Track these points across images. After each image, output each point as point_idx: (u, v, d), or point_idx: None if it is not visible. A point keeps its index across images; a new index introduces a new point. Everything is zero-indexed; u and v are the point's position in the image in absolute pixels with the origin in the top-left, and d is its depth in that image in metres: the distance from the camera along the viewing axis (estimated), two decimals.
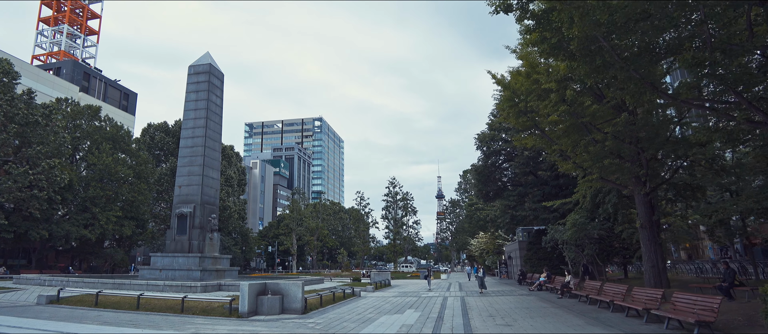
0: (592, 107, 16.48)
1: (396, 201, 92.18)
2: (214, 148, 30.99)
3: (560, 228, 26.30)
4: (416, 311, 17.49)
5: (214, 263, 28.66)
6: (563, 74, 14.60)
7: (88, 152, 48.42)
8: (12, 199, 36.17)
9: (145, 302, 16.33)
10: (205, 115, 30.12)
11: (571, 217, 23.85)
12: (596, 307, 17.96)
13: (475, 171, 37.15)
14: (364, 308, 18.64)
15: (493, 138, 36.04)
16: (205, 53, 31.88)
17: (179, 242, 28.12)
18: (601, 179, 18.99)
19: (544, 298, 22.80)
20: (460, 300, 21.34)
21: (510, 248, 47.07)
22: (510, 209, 34.24)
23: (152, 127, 66.99)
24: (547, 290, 27.59)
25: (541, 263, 35.72)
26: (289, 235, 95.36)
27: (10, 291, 20.73)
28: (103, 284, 22.47)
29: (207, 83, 30.66)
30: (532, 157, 31.90)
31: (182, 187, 29.38)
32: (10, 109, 36.38)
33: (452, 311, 17.41)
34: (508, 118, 20.96)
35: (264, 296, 15.81)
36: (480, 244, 69.16)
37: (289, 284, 16.45)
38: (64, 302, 17.18)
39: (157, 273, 27.05)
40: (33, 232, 38.66)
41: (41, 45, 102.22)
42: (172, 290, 20.86)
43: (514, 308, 18.08)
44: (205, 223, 29.03)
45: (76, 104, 51.88)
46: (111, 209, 46.23)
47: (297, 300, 16.22)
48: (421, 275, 52.58)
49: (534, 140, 20.76)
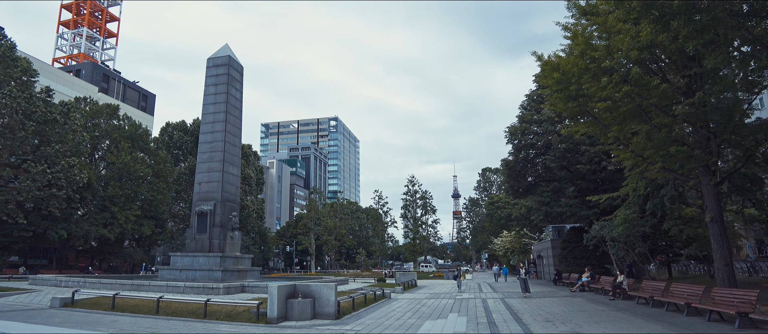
0: (661, 87, 14.54)
1: (415, 199, 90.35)
2: (234, 144, 29.72)
3: (607, 224, 24.30)
4: (460, 315, 15.80)
5: (235, 262, 27.37)
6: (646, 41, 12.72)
7: (107, 151, 47.83)
8: (31, 198, 35.49)
9: (165, 306, 14.97)
10: (225, 109, 28.85)
11: (621, 212, 21.86)
12: (663, 310, 16.07)
13: (506, 166, 35.20)
14: (400, 311, 17.03)
15: (525, 131, 34.09)
16: (223, 45, 30.66)
17: (199, 241, 26.89)
18: (664, 169, 17.02)
19: (594, 299, 20.90)
20: (502, 303, 19.57)
21: (539, 247, 44.97)
22: (544, 205, 32.22)
23: (170, 126, 66.44)
24: (591, 291, 25.62)
25: (577, 262, 33.65)
26: (308, 234, 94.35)
27: (24, 293, 19.65)
28: (121, 286, 21.29)
29: (226, 76, 29.40)
30: (569, 149, 29.86)
31: (202, 184, 28.16)
32: (28, 107, 35.70)
33: (501, 315, 15.68)
34: (556, 105, 19.07)
35: (294, 300, 14.31)
36: (504, 243, 66.96)
37: (320, 286, 14.92)
38: (79, 305, 15.93)
39: (177, 273, 25.85)
40: (52, 231, 38.01)
41: (61, 48, 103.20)
42: (193, 292, 19.54)
43: (568, 312, 16.27)
44: (225, 221, 27.76)
45: (94, 103, 51.40)
46: (130, 208, 45.52)
47: (330, 304, 14.68)
48: (447, 276, 50.74)
49: (586, 128, 18.85)
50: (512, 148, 35.33)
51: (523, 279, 22.21)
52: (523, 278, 22.27)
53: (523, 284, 21.94)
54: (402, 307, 18.59)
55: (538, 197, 32.99)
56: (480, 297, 22.93)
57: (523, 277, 22.39)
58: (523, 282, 22.05)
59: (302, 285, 15.07)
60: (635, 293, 19.40)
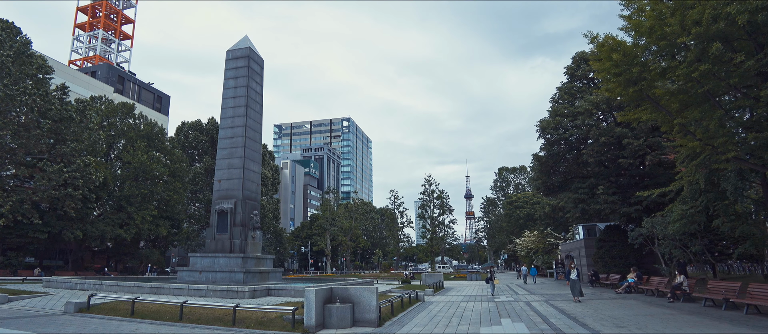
0: (745, 64, 12.74)
1: (432, 199, 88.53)
2: (254, 140, 28.40)
3: (659, 221, 22.42)
4: (514, 320, 14.16)
5: (257, 263, 26.01)
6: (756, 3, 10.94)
7: (122, 150, 46.99)
8: (46, 197, 34.62)
9: (189, 312, 13.57)
10: (245, 102, 27.54)
11: (677, 207, 19.99)
12: (742, 313, 14.29)
13: (537, 161, 33.35)
14: (443, 316, 15.44)
15: (558, 125, 32.25)
16: (243, 37, 29.37)
17: (220, 241, 25.58)
18: (737, 159, 15.18)
19: (650, 302, 19.11)
20: (551, 306, 17.85)
21: (568, 247, 42.99)
22: (581, 203, 30.32)
23: (186, 125, 65.68)
24: (639, 292, 23.77)
25: (615, 262, 31.73)
26: (323, 235, 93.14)
27: (37, 296, 18.45)
28: (140, 289, 20.03)
29: (246, 68, 28.09)
30: (610, 143, 27.96)
31: (222, 181, 26.86)
32: (44, 105, 34.82)
33: (560, 320, 13.99)
34: (613, 91, 17.30)
35: (332, 305, 12.81)
36: (527, 243, 64.88)
37: (360, 289, 13.40)
38: (95, 310, 14.62)
39: (197, 275, 24.55)
40: (67, 232, 37.13)
41: (77, 50, 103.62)
42: (217, 295, 18.17)
43: (632, 315, 14.58)
44: (247, 220, 26.43)
45: (110, 102, 50.65)
46: (146, 208, 44.59)
47: (371, 309, 13.16)
48: (470, 277, 48.95)
49: (649, 114, 17.05)
50: (544, 143, 33.50)
51: (574, 281, 19.66)
52: (575, 279, 19.70)
53: (575, 287, 19.74)
54: (442, 311, 17.00)
55: (572, 193, 31.08)
56: (521, 300, 21.21)
57: (574, 279, 19.77)
58: (575, 285, 19.80)
59: (339, 289, 13.56)
60: (700, 295, 17.58)
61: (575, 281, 19.83)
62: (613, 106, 28.23)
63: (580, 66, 35.38)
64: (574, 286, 19.73)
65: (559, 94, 35.30)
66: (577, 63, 35.66)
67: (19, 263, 37.39)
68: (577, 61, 35.69)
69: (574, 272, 20.24)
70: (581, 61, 35.56)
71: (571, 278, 20.02)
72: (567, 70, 36.12)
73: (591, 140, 28.63)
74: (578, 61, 35.66)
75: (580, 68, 35.22)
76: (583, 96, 32.23)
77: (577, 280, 19.78)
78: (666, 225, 21.35)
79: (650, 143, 26.92)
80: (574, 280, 19.89)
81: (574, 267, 20.46)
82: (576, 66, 35.57)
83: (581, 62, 35.54)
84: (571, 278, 20.06)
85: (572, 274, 20.20)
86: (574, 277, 20.04)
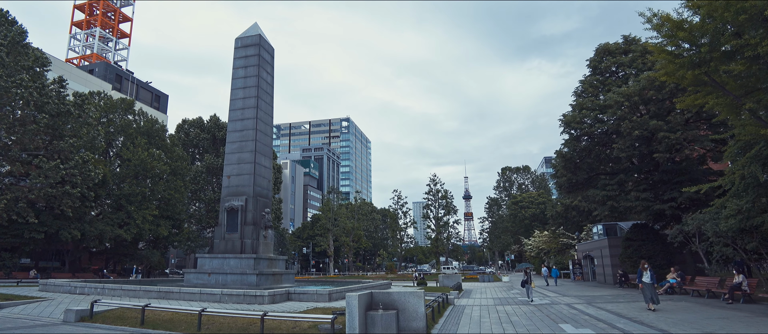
0: None
1: (437, 199, 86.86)
2: (265, 133, 26.67)
3: (710, 217, 20.80)
4: (578, 326, 12.50)
5: (270, 265, 24.27)
6: None
7: (122, 147, 45.13)
8: (43, 196, 32.72)
9: (208, 321, 11.86)
10: (256, 93, 25.83)
11: (731, 202, 18.40)
12: None
13: (561, 157, 31.72)
14: (489, 322, 13.77)
15: (582, 119, 30.69)
16: (253, 24, 27.64)
17: (230, 241, 23.83)
18: None
19: (706, 303, 17.59)
20: (600, 309, 16.20)
21: (588, 247, 41.39)
22: (610, 200, 28.71)
23: (187, 123, 63.84)
24: (683, 293, 22.19)
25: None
26: (326, 235, 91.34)
27: (33, 302, 16.64)
28: (146, 293, 18.27)
29: (257, 57, 26.38)
30: (643, 137, 26.35)
31: (231, 177, 25.13)
32: (40, 98, 32.97)
33: (629, 325, 12.31)
34: (673, 74, 15.63)
35: (374, 313, 11.11)
36: (537, 243, 63.35)
37: (405, 294, 11.71)
38: (100, 319, 12.87)
39: (205, 278, 22.80)
40: (64, 232, 35.23)
41: (74, 48, 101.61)
42: (233, 300, 16.44)
43: (705, 319, 12.94)
44: (258, 218, 24.69)
45: (108, 97, 48.77)
46: (147, 207, 42.74)
47: (418, 316, 11.49)
48: (482, 279, 47.28)
49: (714, 99, 15.44)
50: (567, 138, 31.91)
51: (648, 285, 16.15)
52: (649, 282, 16.23)
53: (649, 292, 16.06)
54: (484, 316, 15.32)
55: (600, 190, 29.47)
56: (559, 302, 19.58)
57: (648, 281, 16.28)
58: (648, 289, 16.06)
59: (381, 294, 11.87)
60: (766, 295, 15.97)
61: (649, 284, 16.30)
62: (646, 99, 26.64)
63: (604, 58, 33.85)
64: (647, 290, 16.24)
65: (582, 87, 33.74)
66: (600, 55, 34.12)
67: (13, 265, 35.48)
68: (600, 54, 34.15)
69: (647, 273, 16.69)
70: (605, 53, 34.03)
71: (644, 281, 16.49)
72: (590, 62, 34.58)
73: (623, 134, 26.96)
74: (601, 53, 34.13)
75: (603, 61, 33.68)
76: (610, 88, 30.67)
77: (652, 283, 16.35)
78: (718, 221, 19.74)
79: (687, 137, 25.34)
80: (647, 283, 16.35)
81: (648, 268, 16.92)
82: (599, 58, 34.03)
83: (605, 54, 34.01)
84: (644, 281, 16.53)
85: (645, 276, 16.65)
86: (648, 280, 16.44)
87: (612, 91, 28.50)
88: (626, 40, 33.80)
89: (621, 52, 33.31)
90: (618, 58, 32.83)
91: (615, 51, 33.43)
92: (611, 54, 33.45)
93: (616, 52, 33.37)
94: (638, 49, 31.70)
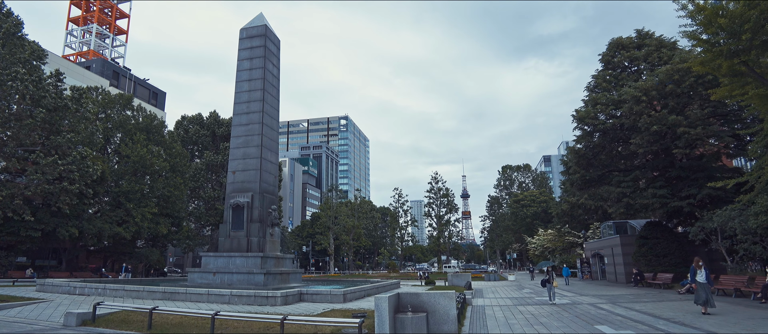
0: None
1: (438, 197, 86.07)
2: (271, 127, 25.76)
3: (737, 214, 20.02)
4: (616, 328, 11.67)
5: (277, 264, 23.36)
6: None
7: (120, 143, 44.08)
8: (40, 192, 31.67)
9: (221, 325, 10.98)
10: (262, 86, 24.89)
11: (762, 199, 17.62)
12: None
13: (574, 154, 30.94)
14: (518, 323, 12.92)
15: (596, 115, 29.90)
16: (258, 14, 26.69)
17: (235, 239, 22.91)
18: None
19: (736, 302, 16.81)
20: (629, 309, 15.40)
21: (598, 245, 40.64)
22: (625, 197, 27.92)
23: (186, 119, 62.78)
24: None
25: (659, 260, 29.38)
26: (326, 234, 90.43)
27: (31, 303, 15.68)
28: (150, 294, 17.36)
29: (263, 48, 25.44)
30: (662, 132, 25.55)
31: (237, 173, 24.19)
32: (37, 92, 31.90)
33: (670, 327, 11.49)
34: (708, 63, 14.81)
35: (404, 316, 10.25)
36: (542, 241, 62.61)
37: (435, 295, 10.86)
38: (102, 323, 11.96)
39: (210, 278, 21.88)
40: (62, 230, 34.21)
41: (71, 45, 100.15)
42: (243, 301, 15.54)
43: (747, 319, 12.16)
44: (264, 215, 23.77)
45: (106, 93, 47.69)
46: (146, 205, 41.72)
47: (449, 319, 10.64)
48: (487, 278, 46.48)
49: (754, 89, 14.62)
50: (580, 134, 31.11)
51: (703, 285, 14.28)
52: (704, 282, 14.32)
53: (703, 293, 14.18)
54: (510, 318, 14.48)
55: (615, 187, 28.69)
56: (582, 302, 18.77)
57: (702, 281, 14.36)
58: (703, 290, 14.21)
59: (409, 295, 11.01)
60: None
61: (704, 284, 14.28)
62: (664, 93, 25.84)
63: (617, 53, 33.08)
64: (702, 291, 14.25)
65: (594, 82, 32.95)
66: (613, 50, 33.35)
67: (9, 264, 34.46)
68: (613, 48, 33.38)
69: (702, 272, 14.58)
70: (618, 47, 33.27)
71: (699, 281, 14.44)
72: (602, 57, 33.81)
73: (641, 130, 26.15)
74: (614, 47, 33.37)
75: (616, 55, 32.92)
76: (624, 83, 29.89)
77: (707, 284, 14.35)
78: (745, 218, 18.97)
79: (708, 132, 24.56)
80: (702, 283, 14.33)
81: (702, 266, 14.82)
82: (612, 53, 33.26)
83: (618, 49, 33.24)
84: (698, 281, 14.47)
85: (700, 275, 14.58)
86: (703, 279, 14.39)
87: (628, 85, 27.71)
88: (640, 34, 33.03)
89: (634, 47, 32.55)
90: (631, 52, 32.06)
91: (628, 45, 32.66)
92: (625, 48, 32.67)
93: (629, 46, 32.59)
94: (653, 43, 30.93)
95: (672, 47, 30.39)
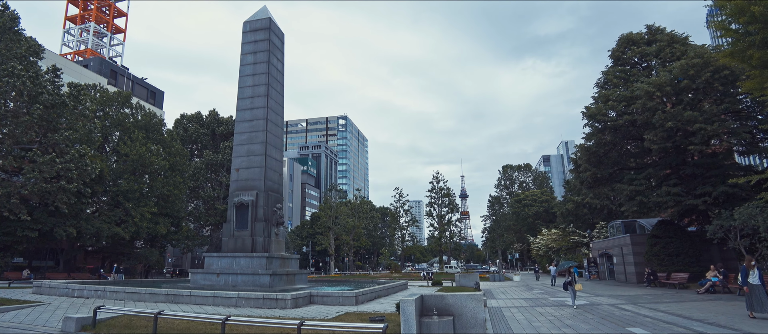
0: None
1: (440, 197, 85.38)
2: (276, 123, 25.01)
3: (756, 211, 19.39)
4: (647, 329, 10.99)
5: (282, 264, 22.63)
6: None
7: (119, 142, 43.25)
8: (37, 192, 30.83)
9: (231, 330, 10.22)
10: (266, 80, 24.15)
11: None
12: None
13: (585, 151, 30.28)
14: (544, 325, 12.22)
15: (607, 112, 29.24)
16: (262, 7, 25.97)
17: (239, 239, 22.17)
18: None
19: None
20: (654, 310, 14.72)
21: (605, 245, 39.99)
22: (638, 195, 27.27)
23: (185, 118, 61.94)
24: (727, 293, 20.78)
25: (672, 259, 28.73)
26: (326, 234, 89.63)
27: (27, 306, 14.89)
28: (152, 296, 16.60)
29: (267, 42, 24.71)
30: (676, 128, 24.89)
31: (240, 170, 23.45)
32: (34, 88, 31.07)
33: (708, 328, 10.82)
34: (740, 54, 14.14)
35: (429, 320, 9.55)
36: (546, 241, 61.98)
37: (461, 297, 10.14)
38: (104, 328, 11.19)
39: (214, 279, 21.14)
40: (59, 229, 33.37)
41: (68, 44, 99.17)
42: (251, 304, 14.79)
43: None
44: (269, 214, 23.04)
45: (105, 90, 46.87)
46: (145, 204, 40.91)
47: (477, 323, 9.93)
48: (492, 278, 45.76)
49: None
50: (591, 132, 30.45)
51: (757, 286, 12.76)
52: (758, 284, 12.81)
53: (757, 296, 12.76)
54: (533, 320, 13.77)
55: (627, 185, 28.03)
56: (601, 303, 18.09)
57: (756, 283, 12.84)
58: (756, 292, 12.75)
59: (434, 297, 10.29)
60: None
61: (759, 286, 12.77)
62: (678, 89, 25.19)
63: (627, 49, 32.45)
64: (757, 295, 12.74)
65: (605, 78, 32.32)
66: (623, 46, 32.72)
67: (5, 265, 33.59)
68: (623, 44, 32.75)
69: (754, 273, 13.00)
70: (628, 43, 32.63)
71: (752, 282, 12.90)
72: (612, 53, 33.17)
73: (655, 126, 25.49)
74: (624, 43, 32.73)
75: (626, 51, 32.28)
76: (636, 79, 29.25)
77: (761, 285, 12.81)
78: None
79: (724, 128, 23.92)
80: (757, 285, 12.80)
81: (755, 266, 13.26)
82: (622, 49, 32.62)
83: (628, 45, 32.61)
84: (750, 282, 12.93)
85: (752, 276, 13.02)
86: (757, 281, 12.86)
87: (641, 81, 27.06)
88: (650, 29, 32.41)
89: (645, 43, 31.92)
90: (642, 48, 31.43)
91: (638, 41, 32.03)
92: (635, 44, 32.03)
93: (639, 42, 31.96)
94: (665, 39, 30.31)
95: (684, 42, 29.78)
